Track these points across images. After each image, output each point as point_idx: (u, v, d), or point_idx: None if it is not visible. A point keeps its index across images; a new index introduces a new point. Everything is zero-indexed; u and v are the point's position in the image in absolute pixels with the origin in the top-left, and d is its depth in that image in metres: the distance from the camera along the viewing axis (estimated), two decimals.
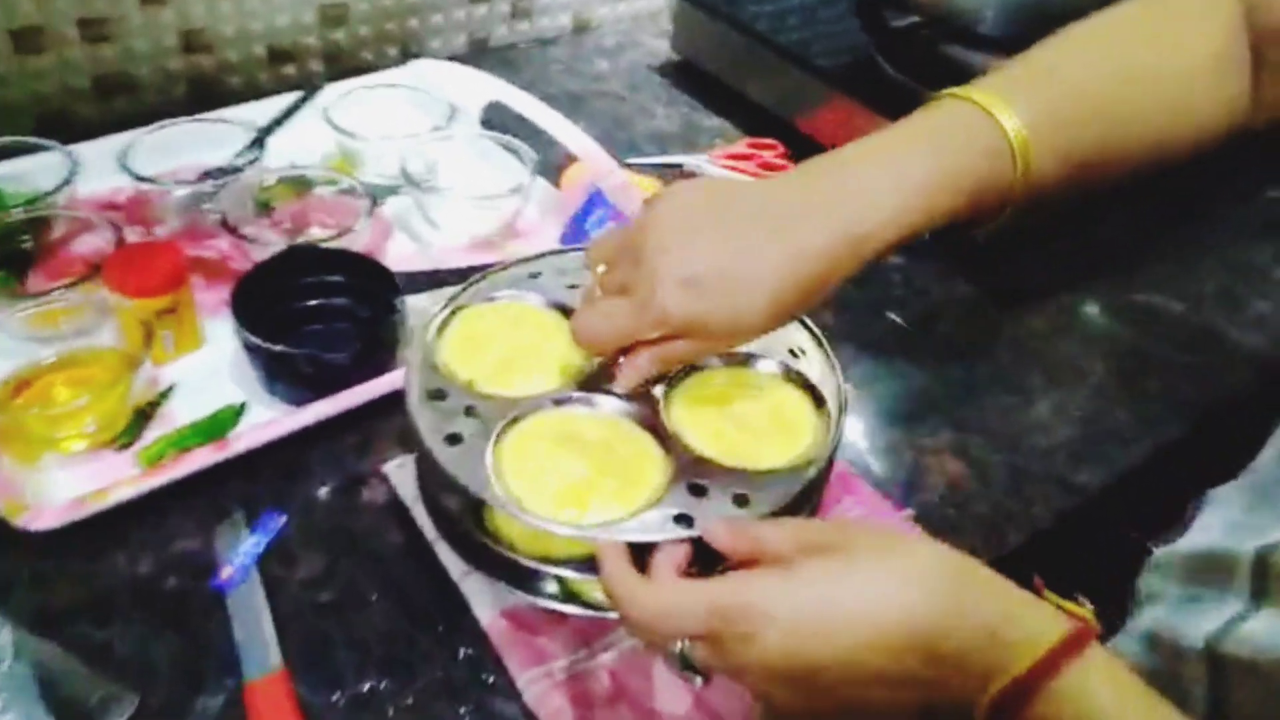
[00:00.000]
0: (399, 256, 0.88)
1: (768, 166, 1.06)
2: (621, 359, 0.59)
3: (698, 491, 0.57)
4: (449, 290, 0.69)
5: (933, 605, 0.46)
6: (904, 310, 0.90)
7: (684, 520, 0.55)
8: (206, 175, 0.89)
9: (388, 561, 0.66)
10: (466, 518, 0.60)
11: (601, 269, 0.61)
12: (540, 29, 1.29)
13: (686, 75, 1.23)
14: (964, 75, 0.64)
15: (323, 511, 0.69)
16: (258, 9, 1.07)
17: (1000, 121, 0.59)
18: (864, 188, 0.57)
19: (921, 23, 1.10)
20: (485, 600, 0.63)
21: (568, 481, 0.58)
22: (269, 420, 0.71)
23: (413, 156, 0.92)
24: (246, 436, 0.70)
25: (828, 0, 1.23)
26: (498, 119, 1.03)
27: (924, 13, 1.04)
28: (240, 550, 0.65)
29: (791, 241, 0.55)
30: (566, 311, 0.68)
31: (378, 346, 0.76)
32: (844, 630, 0.46)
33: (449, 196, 0.91)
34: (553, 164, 0.99)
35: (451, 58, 1.16)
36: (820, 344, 0.68)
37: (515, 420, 0.60)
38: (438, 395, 0.62)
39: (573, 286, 0.70)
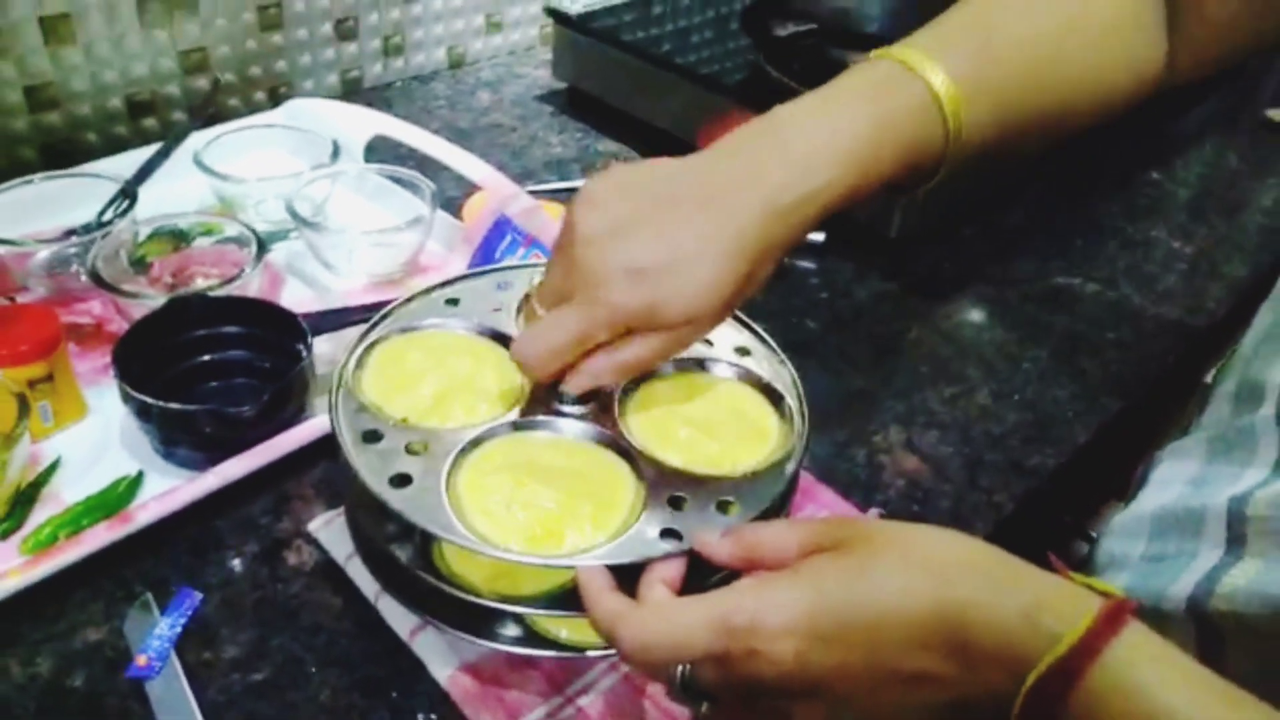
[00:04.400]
0: (295, 303, 0.81)
1: None
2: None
3: (678, 504, 0.53)
4: (356, 331, 0.63)
5: (963, 594, 0.42)
6: (830, 312, 0.88)
7: (671, 535, 0.51)
8: (71, 233, 0.81)
9: (325, 629, 0.59)
10: (416, 563, 0.54)
11: (535, 280, 0.56)
12: (416, 65, 1.24)
13: (574, 102, 1.20)
14: None
15: (243, 583, 0.62)
16: (110, 59, 0.99)
17: (929, 80, 0.57)
18: (795, 151, 0.54)
19: (806, 30, 1.10)
20: (441, 656, 0.58)
21: (538, 514, 0.52)
22: (170, 488, 0.64)
23: (298, 197, 0.86)
24: (147, 509, 0.62)
25: (704, 18, 1.23)
26: (383, 155, 0.97)
27: (816, 19, 1.04)
28: (154, 635, 0.57)
29: (725, 216, 0.53)
30: (496, 336, 0.63)
31: (287, 398, 0.70)
32: (867, 630, 0.42)
33: (344, 236, 0.85)
34: (449, 196, 0.94)
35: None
36: (764, 340, 0.65)
37: (466, 452, 0.55)
38: (372, 437, 0.55)
39: (497, 310, 0.65)
